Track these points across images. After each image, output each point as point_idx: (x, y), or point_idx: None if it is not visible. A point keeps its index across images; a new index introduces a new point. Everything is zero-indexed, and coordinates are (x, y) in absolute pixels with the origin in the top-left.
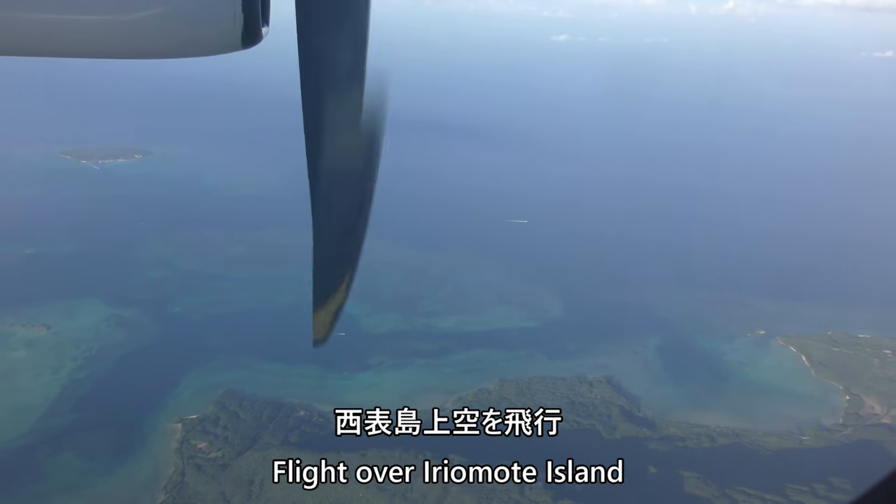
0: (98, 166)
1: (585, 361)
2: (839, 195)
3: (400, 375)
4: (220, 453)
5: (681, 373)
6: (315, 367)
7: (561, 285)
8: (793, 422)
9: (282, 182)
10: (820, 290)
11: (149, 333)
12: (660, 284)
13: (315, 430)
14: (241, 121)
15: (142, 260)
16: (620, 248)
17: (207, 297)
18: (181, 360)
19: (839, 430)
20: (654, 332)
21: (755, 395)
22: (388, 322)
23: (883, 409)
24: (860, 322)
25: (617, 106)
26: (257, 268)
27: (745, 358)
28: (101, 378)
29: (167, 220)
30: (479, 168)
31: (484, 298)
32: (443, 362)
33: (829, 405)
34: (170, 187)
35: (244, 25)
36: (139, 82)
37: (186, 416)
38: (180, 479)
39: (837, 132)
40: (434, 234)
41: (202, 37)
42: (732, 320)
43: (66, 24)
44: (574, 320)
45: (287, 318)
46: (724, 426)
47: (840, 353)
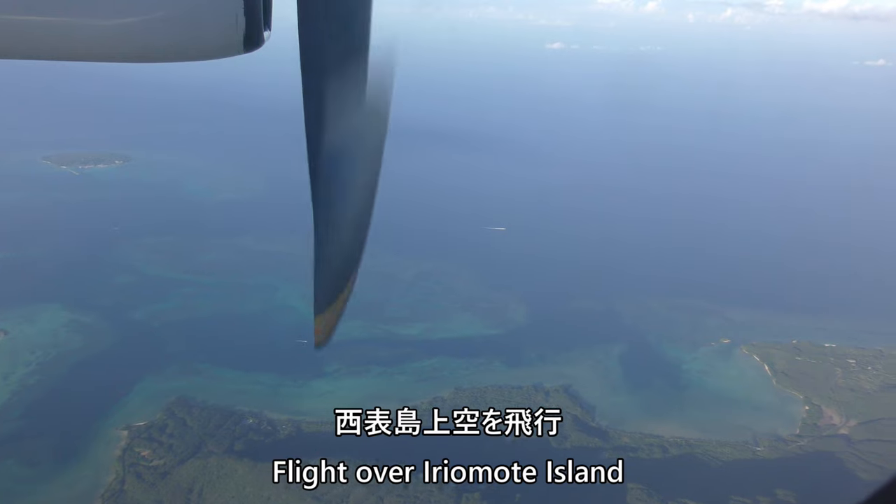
0: (78, 172)
1: (545, 370)
2: (826, 202)
3: (355, 383)
4: (163, 461)
5: (640, 382)
6: (271, 375)
7: (531, 293)
8: (749, 432)
9: (264, 188)
10: (790, 298)
11: (107, 339)
12: (632, 291)
13: (261, 438)
14: (227, 127)
15: (110, 265)
16: (599, 254)
17: (171, 304)
18: (136, 366)
19: (795, 441)
20: (618, 340)
21: (713, 404)
22: (351, 329)
23: (841, 420)
24: (827, 331)
25: (606, 113)
26: (226, 274)
27: (706, 367)
28: (52, 384)
29: (142, 226)
30: (464, 174)
31: (450, 306)
32: (400, 370)
33: (788, 415)
34: (148, 192)
35: (246, 29)
36: (126, 87)
37: (134, 424)
38: (119, 487)
39: (827, 139)
40: (409, 239)
41: (204, 40)
42: (699, 329)
43: (70, 27)
44: (539, 328)
45: (249, 325)
46: (677, 436)
47: (803, 363)
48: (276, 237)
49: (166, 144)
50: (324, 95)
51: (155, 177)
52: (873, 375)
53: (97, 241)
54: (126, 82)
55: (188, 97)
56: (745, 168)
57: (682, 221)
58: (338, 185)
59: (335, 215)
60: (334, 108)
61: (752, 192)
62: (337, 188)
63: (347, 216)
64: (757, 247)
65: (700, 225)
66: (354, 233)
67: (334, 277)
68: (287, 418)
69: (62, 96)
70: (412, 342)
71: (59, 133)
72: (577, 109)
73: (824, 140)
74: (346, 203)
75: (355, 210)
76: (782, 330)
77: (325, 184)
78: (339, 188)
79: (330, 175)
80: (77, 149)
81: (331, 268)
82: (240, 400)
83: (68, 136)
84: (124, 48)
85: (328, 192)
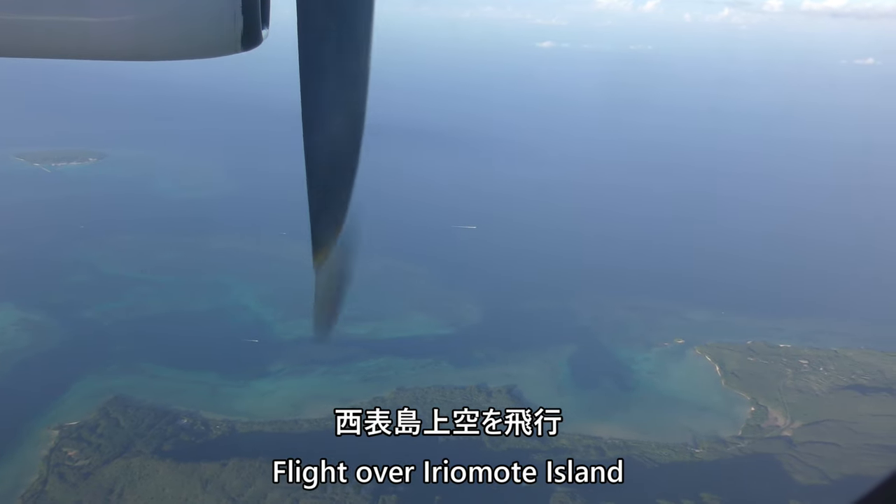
0: (50, 169)
1: (492, 370)
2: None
3: (296, 383)
4: (88, 461)
5: (587, 382)
6: (213, 374)
7: (489, 292)
8: (690, 434)
9: (234, 186)
10: (750, 298)
11: (54, 338)
12: (593, 290)
13: (193, 438)
14: (208, 125)
15: (68, 263)
16: (566, 252)
17: (123, 302)
18: (79, 365)
19: (735, 443)
20: (571, 339)
21: (658, 405)
22: (299, 328)
23: (786, 422)
24: (784, 332)
25: (590, 111)
26: (184, 273)
27: (656, 368)
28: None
29: (108, 223)
30: (441, 171)
31: (404, 305)
32: (345, 370)
33: (732, 417)
34: (117, 190)
35: (244, 27)
36: (109, 85)
37: (66, 423)
38: (41, 487)
39: (816, 138)
40: (377, 236)
41: (202, 38)
42: (655, 329)
43: (66, 25)
44: (492, 328)
45: (199, 324)
46: (617, 438)
47: (755, 364)
48: (240, 235)
49: (144, 142)
50: (323, 94)
51: (126, 174)
52: (824, 377)
53: (60, 239)
54: (110, 80)
55: (173, 94)
56: (728, 166)
57: (659, 219)
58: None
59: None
60: (333, 107)
61: (734, 190)
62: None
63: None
64: (729, 244)
65: (677, 222)
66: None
67: (334, 276)
68: (222, 418)
69: (40, 94)
70: (362, 342)
71: (35, 130)
72: (561, 108)
73: (813, 139)
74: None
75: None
76: (738, 330)
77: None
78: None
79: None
80: (52, 146)
81: (330, 267)
82: (177, 399)
83: (44, 134)
84: (122, 46)
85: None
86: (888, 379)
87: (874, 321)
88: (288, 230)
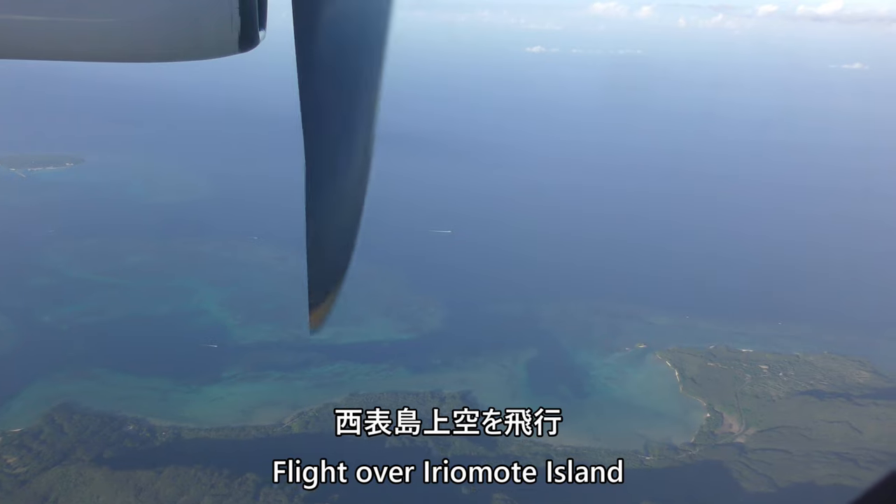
0: (25, 174)
1: (448, 376)
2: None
3: (248, 389)
4: (26, 469)
5: (543, 388)
6: (166, 380)
7: (455, 297)
8: (642, 441)
9: (208, 190)
10: (715, 302)
11: (8, 343)
12: (557, 294)
13: (136, 445)
14: (190, 129)
15: (32, 268)
16: (540, 256)
17: (84, 306)
18: (30, 370)
19: (687, 450)
20: (531, 345)
21: (613, 412)
22: (258, 333)
23: (740, 428)
24: (747, 336)
25: (578, 115)
26: (149, 277)
27: (615, 373)
28: None
29: (77, 228)
30: (420, 176)
31: (368, 310)
32: (299, 375)
33: (686, 423)
34: (90, 195)
35: (241, 29)
36: (90, 88)
37: (9, 430)
38: None
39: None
40: None
41: (199, 40)
42: (617, 333)
43: (62, 27)
44: (452, 333)
45: (157, 328)
46: (567, 445)
47: (714, 369)
48: (208, 239)
49: (123, 147)
50: (322, 96)
51: (101, 179)
52: (783, 382)
53: (27, 243)
54: (95, 83)
55: (155, 99)
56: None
57: (623, 221)
58: (332, 178)
59: (331, 210)
60: (333, 109)
61: (717, 193)
62: (331, 181)
63: (343, 210)
64: (704, 247)
65: (655, 224)
66: (350, 226)
67: (329, 270)
68: (169, 425)
69: (22, 97)
70: (319, 347)
71: (15, 134)
72: (551, 111)
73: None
74: (343, 200)
75: (351, 204)
76: (701, 335)
77: (319, 179)
78: (333, 180)
79: (324, 170)
80: (31, 150)
81: (325, 260)
82: (126, 405)
83: (24, 138)
84: (117, 48)
85: (326, 192)
86: (847, 384)
87: (838, 325)
88: (259, 234)
